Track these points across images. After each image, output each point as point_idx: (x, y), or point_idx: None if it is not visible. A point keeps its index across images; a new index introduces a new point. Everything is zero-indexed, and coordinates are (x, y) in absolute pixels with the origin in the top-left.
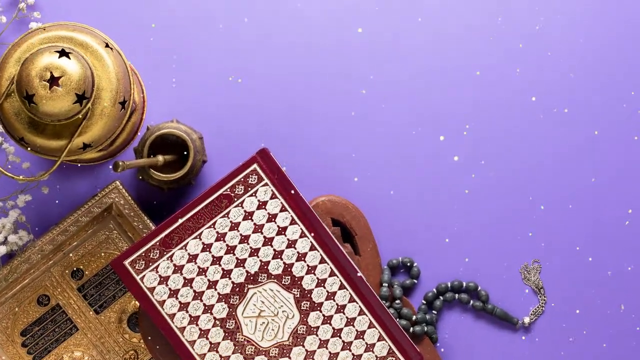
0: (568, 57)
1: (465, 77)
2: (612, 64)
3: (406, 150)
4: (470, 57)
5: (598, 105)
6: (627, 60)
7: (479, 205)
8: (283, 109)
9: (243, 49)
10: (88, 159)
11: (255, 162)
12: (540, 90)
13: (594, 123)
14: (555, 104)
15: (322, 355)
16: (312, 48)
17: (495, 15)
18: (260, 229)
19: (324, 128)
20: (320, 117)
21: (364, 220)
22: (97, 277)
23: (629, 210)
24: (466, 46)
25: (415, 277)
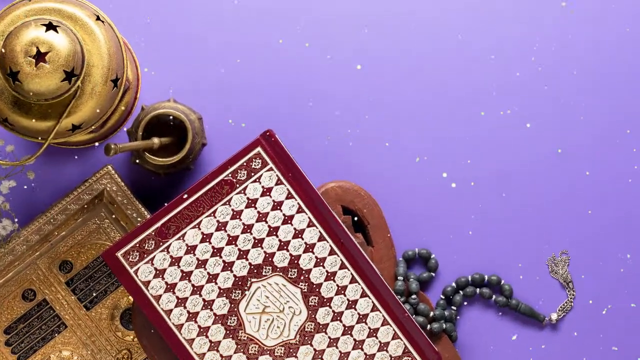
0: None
1: (484, 58)
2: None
3: (423, 133)
4: (490, 31)
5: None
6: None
7: (503, 191)
8: (290, 87)
9: (246, 24)
10: (77, 142)
11: (259, 145)
12: (564, 80)
13: (627, 116)
14: (582, 94)
15: (331, 355)
16: (324, 21)
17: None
18: (264, 217)
19: (334, 108)
20: (330, 96)
21: (377, 208)
22: (87, 270)
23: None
24: (485, 25)
25: (433, 270)
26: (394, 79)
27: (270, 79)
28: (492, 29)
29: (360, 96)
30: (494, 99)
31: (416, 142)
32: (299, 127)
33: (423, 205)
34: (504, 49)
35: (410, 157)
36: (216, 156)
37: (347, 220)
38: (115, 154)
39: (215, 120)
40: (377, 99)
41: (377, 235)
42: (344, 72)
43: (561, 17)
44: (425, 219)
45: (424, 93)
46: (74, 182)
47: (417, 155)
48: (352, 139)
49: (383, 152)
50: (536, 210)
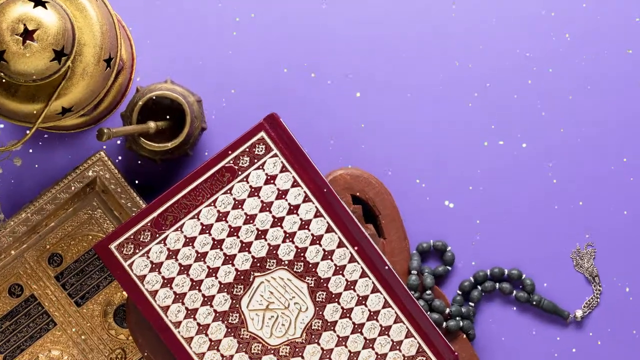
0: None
1: (509, 27)
2: None
3: (440, 117)
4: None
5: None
6: None
7: (524, 180)
8: (295, 68)
9: (248, 0)
10: (68, 126)
11: (262, 129)
12: (589, 67)
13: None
14: (613, 82)
15: (340, 355)
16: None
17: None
18: (268, 207)
19: (343, 91)
20: (338, 78)
21: (389, 197)
22: (78, 264)
23: None
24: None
25: (449, 264)
26: (410, 58)
27: (274, 59)
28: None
29: (372, 77)
30: (517, 80)
31: (432, 127)
32: (306, 110)
33: (439, 194)
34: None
35: (425, 143)
36: (216, 141)
37: (357, 210)
38: (109, 139)
39: (215, 102)
40: (390, 79)
41: (389, 227)
42: (356, 51)
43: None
44: (441, 208)
45: (443, 73)
46: (64, 169)
47: (433, 141)
48: (363, 122)
49: (396, 138)
50: (561, 200)
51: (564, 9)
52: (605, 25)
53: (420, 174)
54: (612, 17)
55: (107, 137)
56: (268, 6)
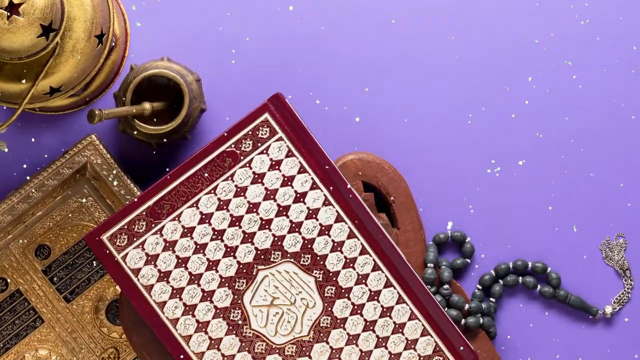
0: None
1: (527, 8)
2: None
3: (457, 99)
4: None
5: None
6: None
7: (550, 165)
8: (301, 45)
9: None
10: (56, 107)
11: (266, 110)
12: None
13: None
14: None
15: (350, 354)
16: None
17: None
18: (273, 194)
19: (355, 69)
20: (347, 56)
21: (403, 184)
22: (68, 256)
23: None
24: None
25: (469, 256)
26: (426, 33)
27: (279, 36)
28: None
29: (384, 55)
30: (540, 62)
31: (450, 109)
32: (313, 90)
33: (457, 181)
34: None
35: (443, 126)
36: (217, 124)
37: (369, 198)
38: (100, 121)
39: (215, 82)
40: (407, 57)
41: (403, 216)
42: (370, 25)
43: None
44: (459, 196)
45: (466, 51)
46: (52, 153)
47: (451, 123)
48: (374, 104)
49: (411, 120)
50: (589, 188)
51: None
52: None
53: (437, 159)
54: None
55: (99, 119)
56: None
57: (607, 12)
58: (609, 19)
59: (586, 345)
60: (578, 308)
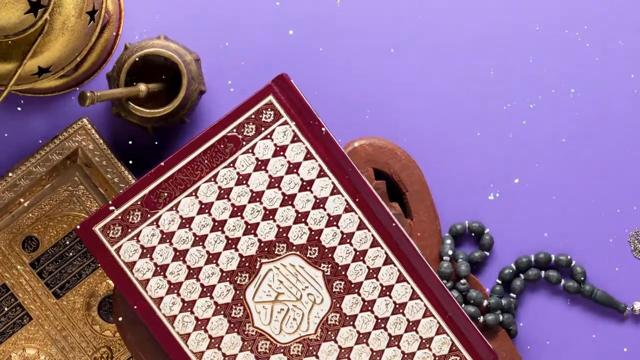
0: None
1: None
2: None
3: (474, 80)
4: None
5: None
6: None
7: (574, 151)
8: (309, 22)
9: None
10: (45, 89)
11: (270, 92)
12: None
13: None
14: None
15: (360, 354)
16: None
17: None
18: (277, 182)
19: (366, 48)
20: (358, 34)
21: (417, 171)
22: (57, 249)
23: None
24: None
25: (487, 249)
26: (443, 11)
27: (284, 12)
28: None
29: (398, 31)
30: (561, 45)
31: (467, 92)
32: (321, 70)
33: (474, 168)
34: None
35: (459, 109)
36: (217, 107)
37: (381, 186)
38: (93, 104)
39: (216, 62)
40: (417, 34)
41: (417, 205)
42: (379, 1)
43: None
44: (477, 184)
45: (481, 31)
46: (40, 138)
47: (468, 107)
48: (386, 85)
49: (425, 103)
50: (616, 175)
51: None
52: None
53: (454, 145)
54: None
55: (91, 101)
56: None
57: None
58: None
59: (613, 344)
60: (605, 304)
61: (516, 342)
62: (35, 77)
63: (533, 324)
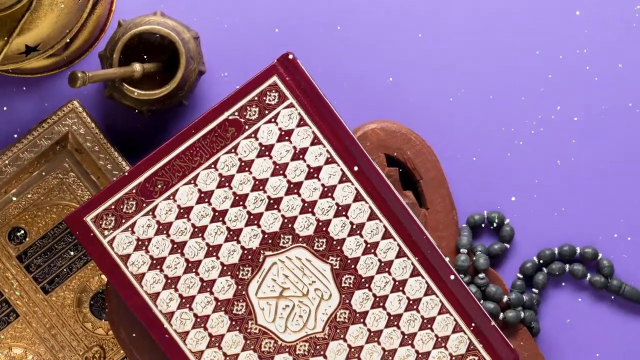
0: None
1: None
2: None
3: (493, 61)
4: None
5: None
6: None
7: (601, 137)
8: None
9: None
10: (33, 69)
11: (275, 72)
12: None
13: None
14: None
15: (372, 354)
16: None
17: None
18: (282, 169)
19: (374, 26)
20: (368, 10)
21: (433, 157)
22: (46, 240)
23: None
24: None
25: (508, 241)
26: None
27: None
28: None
29: (412, 7)
30: (593, 27)
31: (484, 73)
32: (328, 50)
33: (493, 154)
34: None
35: (476, 92)
36: (218, 88)
37: (393, 173)
38: (84, 85)
39: (216, 40)
40: (432, 11)
41: (433, 194)
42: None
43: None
44: (496, 172)
45: (498, 11)
46: (28, 122)
47: (486, 89)
48: (399, 66)
49: (440, 84)
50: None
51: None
52: None
53: (471, 129)
54: None
55: (82, 82)
56: None
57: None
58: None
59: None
60: (633, 300)
61: (538, 341)
62: (22, 57)
63: (557, 322)
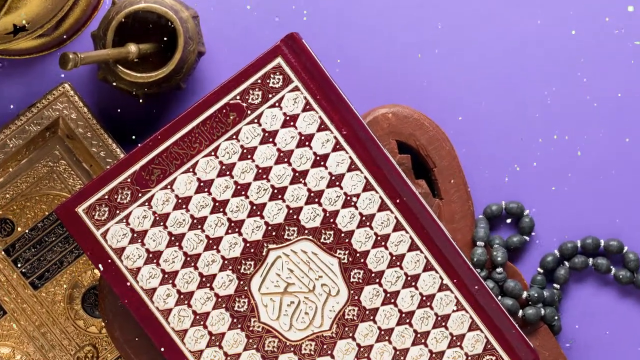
0: None
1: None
2: None
3: (511, 40)
4: None
5: None
6: None
7: (623, 122)
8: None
9: None
10: (21, 50)
11: (279, 53)
12: None
13: None
14: None
15: (382, 353)
16: None
17: None
18: (287, 157)
19: (386, 6)
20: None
21: (447, 144)
22: (35, 233)
23: None
24: None
25: (527, 233)
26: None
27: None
28: None
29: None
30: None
31: (502, 53)
32: (336, 30)
33: (512, 141)
34: None
35: (493, 74)
36: (218, 70)
37: (405, 160)
38: (76, 67)
39: (217, 19)
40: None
41: (447, 184)
42: None
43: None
44: (515, 160)
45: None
46: (16, 107)
47: (505, 71)
48: (411, 46)
49: (454, 66)
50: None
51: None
52: None
53: (488, 114)
54: None
55: (74, 64)
56: None
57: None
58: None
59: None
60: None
61: (560, 340)
62: (10, 37)
63: (579, 319)
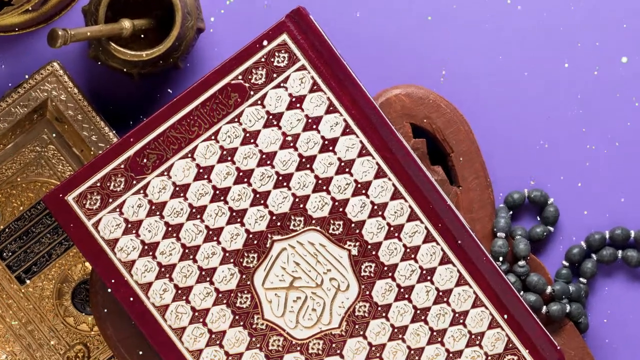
0: None
1: None
2: None
3: (533, 15)
4: None
5: None
6: None
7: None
8: None
9: None
10: (7, 26)
11: (284, 30)
12: None
13: None
14: None
15: (395, 353)
16: None
17: None
18: (293, 141)
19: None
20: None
21: (465, 127)
22: (22, 223)
23: None
24: None
25: (551, 223)
26: None
27: None
28: None
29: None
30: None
31: (525, 32)
32: (345, 5)
33: (535, 125)
34: None
35: (514, 54)
36: (219, 48)
37: (420, 145)
38: (65, 45)
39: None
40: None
41: (465, 170)
42: None
43: None
44: (538, 145)
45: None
46: (0, 87)
47: (525, 51)
48: (426, 23)
49: (474, 44)
50: None
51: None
52: None
53: (509, 95)
54: None
55: (63, 41)
56: None
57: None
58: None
59: None
60: None
61: (586, 338)
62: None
63: (607, 316)
